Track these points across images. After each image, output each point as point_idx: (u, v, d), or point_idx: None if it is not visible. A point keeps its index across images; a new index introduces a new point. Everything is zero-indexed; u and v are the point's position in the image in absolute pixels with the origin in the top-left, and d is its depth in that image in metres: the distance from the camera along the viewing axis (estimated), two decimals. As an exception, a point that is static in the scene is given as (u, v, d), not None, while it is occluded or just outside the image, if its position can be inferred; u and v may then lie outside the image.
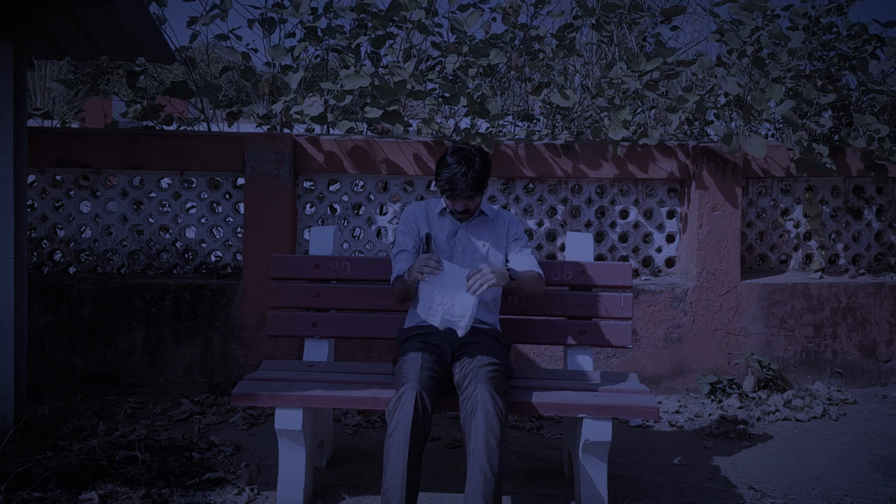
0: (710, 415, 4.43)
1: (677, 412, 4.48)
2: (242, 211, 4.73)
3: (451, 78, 4.93)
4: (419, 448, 2.79)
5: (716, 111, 5.28)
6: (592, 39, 6.02)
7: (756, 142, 4.58)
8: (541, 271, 3.35)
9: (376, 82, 4.51)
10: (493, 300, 3.37)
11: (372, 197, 4.86)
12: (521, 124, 5.30)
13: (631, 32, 5.39)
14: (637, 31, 5.36)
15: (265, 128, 5.02)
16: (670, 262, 5.07)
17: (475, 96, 4.60)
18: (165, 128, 4.94)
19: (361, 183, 4.88)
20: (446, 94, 4.74)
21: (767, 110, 4.88)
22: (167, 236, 4.81)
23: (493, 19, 5.10)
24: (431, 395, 2.87)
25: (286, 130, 4.87)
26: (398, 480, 2.72)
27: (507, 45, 4.85)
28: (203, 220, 4.81)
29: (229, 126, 5.22)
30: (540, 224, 4.93)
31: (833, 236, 5.22)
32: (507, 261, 3.37)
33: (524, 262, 3.34)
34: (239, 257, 4.80)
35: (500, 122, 5.09)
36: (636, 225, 5.01)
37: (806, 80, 4.83)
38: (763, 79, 4.79)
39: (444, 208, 3.36)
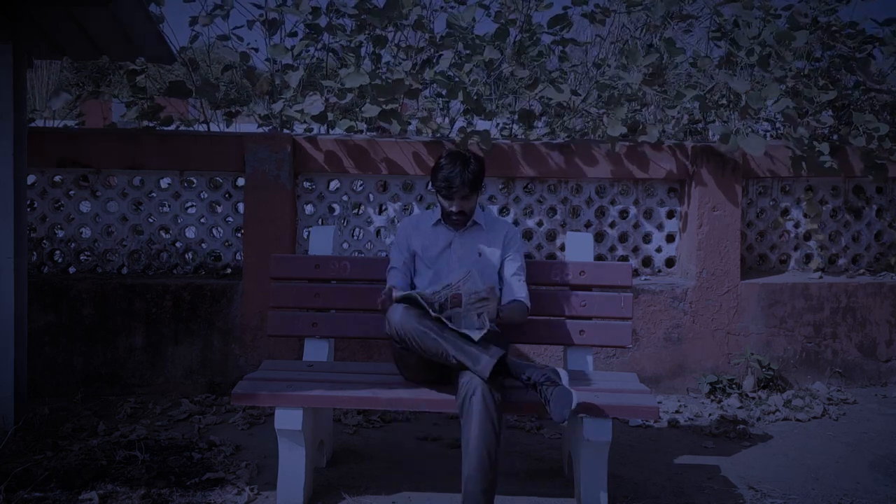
0: (710, 415, 4.43)
1: (677, 412, 4.47)
2: (242, 211, 4.73)
3: (448, 75, 4.91)
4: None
5: (716, 110, 5.28)
6: (591, 38, 6.00)
7: (753, 140, 4.57)
8: (528, 303, 3.39)
9: (376, 81, 4.50)
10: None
11: (371, 197, 4.86)
12: (520, 125, 5.28)
13: (627, 29, 5.37)
14: (643, 28, 5.34)
15: (265, 128, 5.01)
16: (670, 262, 5.07)
17: (472, 93, 4.59)
18: (165, 128, 4.94)
19: (361, 183, 4.88)
20: (443, 91, 4.73)
21: (765, 108, 4.88)
22: (167, 236, 4.81)
23: (488, 15, 5.08)
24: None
25: (286, 130, 4.87)
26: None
27: (501, 42, 4.82)
28: (203, 220, 4.80)
29: (227, 126, 5.22)
30: (540, 224, 4.92)
31: (833, 236, 5.22)
32: (500, 271, 3.42)
33: (515, 289, 3.39)
34: (239, 257, 4.80)
35: (503, 123, 5.08)
36: (636, 225, 5.01)
37: (807, 80, 4.83)
38: (765, 77, 4.78)
39: (438, 220, 3.43)
